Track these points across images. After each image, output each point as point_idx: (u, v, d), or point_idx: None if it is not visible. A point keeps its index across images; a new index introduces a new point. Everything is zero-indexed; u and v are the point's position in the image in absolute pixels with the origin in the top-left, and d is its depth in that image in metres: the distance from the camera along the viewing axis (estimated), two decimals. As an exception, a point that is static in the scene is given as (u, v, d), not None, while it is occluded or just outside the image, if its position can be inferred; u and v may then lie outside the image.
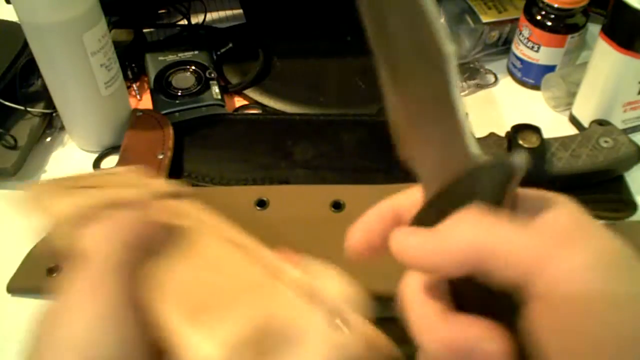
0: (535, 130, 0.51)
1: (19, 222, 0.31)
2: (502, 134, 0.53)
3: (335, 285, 0.29)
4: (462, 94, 0.63)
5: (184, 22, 0.70)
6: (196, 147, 0.55)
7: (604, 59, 0.52)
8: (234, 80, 0.64)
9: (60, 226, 0.31)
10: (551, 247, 0.21)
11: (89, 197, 0.32)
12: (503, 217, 0.23)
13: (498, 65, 0.66)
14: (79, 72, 0.50)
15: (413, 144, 0.25)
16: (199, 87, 0.60)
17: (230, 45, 0.67)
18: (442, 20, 0.64)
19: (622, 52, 0.50)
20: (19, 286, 0.46)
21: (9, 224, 0.47)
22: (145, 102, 0.62)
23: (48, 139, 0.59)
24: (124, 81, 0.56)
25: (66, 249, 0.30)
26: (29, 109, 0.57)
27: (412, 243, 0.24)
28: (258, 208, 0.48)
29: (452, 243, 0.23)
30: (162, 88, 0.61)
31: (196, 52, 0.64)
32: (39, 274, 0.45)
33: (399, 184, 0.50)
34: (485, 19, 0.63)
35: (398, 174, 0.50)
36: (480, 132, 0.54)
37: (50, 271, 0.45)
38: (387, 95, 0.25)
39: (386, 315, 0.29)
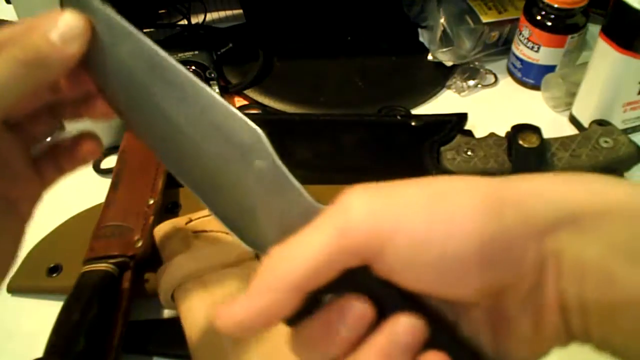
0: (535, 130, 0.51)
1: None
2: (502, 134, 0.53)
3: None
4: (462, 94, 0.63)
5: (184, 22, 0.70)
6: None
7: (604, 59, 0.52)
8: (234, 80, 0.64)
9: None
10: None
11: (202, 258, 0.41)
12: None
13: (498, 66, 0.66)
14: (79, 72, 0.50)
15: None
16: (199, 87, 0.60)
17: (230, 45, 0.67)
18: (442, 20, 0.64)
19: (622, 52, 0.50)
20: (19, 286, 0.46)
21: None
22: (145, 102, 0.62)
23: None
24: (124, 81, 0.56)
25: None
26: (29, 109, 0.57)
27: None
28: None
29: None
30: (162, 88, 0.61)
31: (196, 52, 0.64)
32: (39, 274, 0.45)
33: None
34: (485, 19, 0.63)
35: (398, 174, 0.50)
36: (480, 132, 0.54)
37: (50, 271, 0.45)
38: None
39: None
